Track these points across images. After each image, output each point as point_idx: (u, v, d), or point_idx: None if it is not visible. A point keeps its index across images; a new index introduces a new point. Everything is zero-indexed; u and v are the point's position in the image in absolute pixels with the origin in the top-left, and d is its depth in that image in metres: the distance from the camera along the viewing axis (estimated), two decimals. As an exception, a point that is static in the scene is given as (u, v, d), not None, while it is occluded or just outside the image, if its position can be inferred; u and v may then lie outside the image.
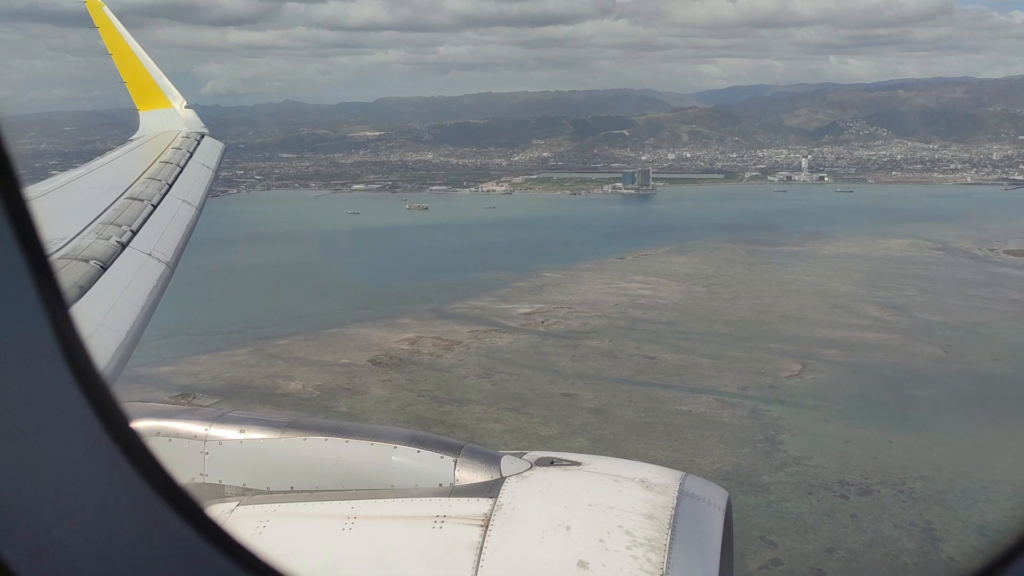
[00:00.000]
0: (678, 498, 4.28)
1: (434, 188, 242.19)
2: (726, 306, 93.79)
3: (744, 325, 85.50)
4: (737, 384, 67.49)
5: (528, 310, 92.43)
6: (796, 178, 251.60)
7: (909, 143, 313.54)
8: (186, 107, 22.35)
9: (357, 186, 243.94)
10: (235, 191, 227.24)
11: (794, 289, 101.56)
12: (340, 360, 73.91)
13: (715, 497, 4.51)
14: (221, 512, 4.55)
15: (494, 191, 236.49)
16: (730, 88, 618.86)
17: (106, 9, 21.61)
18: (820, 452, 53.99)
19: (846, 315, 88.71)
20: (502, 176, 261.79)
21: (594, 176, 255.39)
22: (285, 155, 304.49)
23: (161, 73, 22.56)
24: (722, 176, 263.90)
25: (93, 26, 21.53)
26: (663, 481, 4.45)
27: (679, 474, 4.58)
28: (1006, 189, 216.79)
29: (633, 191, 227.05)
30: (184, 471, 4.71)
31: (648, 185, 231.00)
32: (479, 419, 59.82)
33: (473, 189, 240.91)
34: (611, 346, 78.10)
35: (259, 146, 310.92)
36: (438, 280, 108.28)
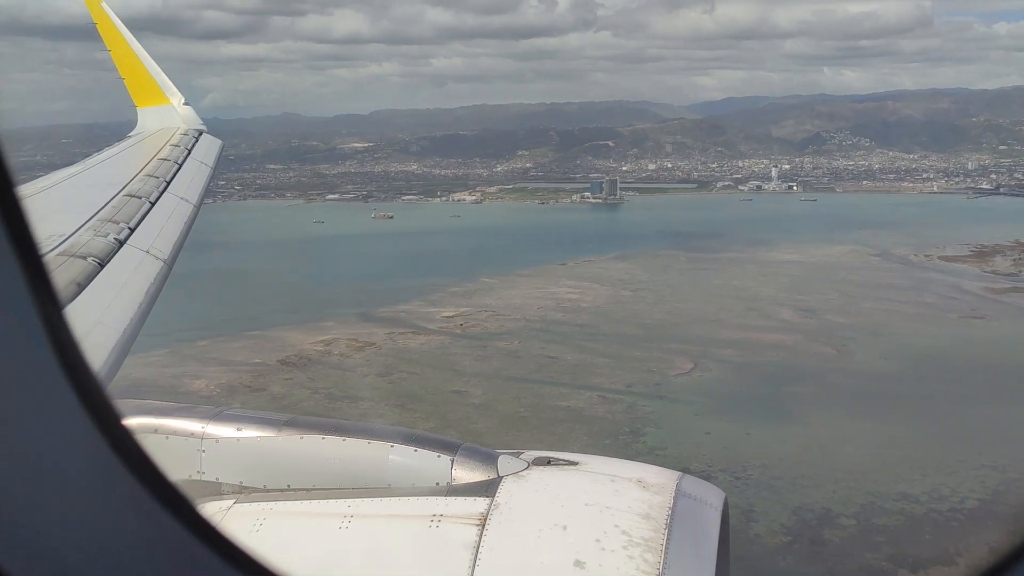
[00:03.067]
0: (675, 498, 4.29)
1: (406, 198, 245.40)
2: (645, 309, 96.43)
3: (655, 327, 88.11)
4: (625, 381, 70.04)
5: (452, 313, 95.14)
6: (766, 187, 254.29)
7: (890, 153, 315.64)
8: (184, 104, 22.41)
9: (331, 196, 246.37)
10: (210, 200, 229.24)
11: (719, 293, 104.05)
12: (252, 360, 76.69)
13: (712, 497, 4.54)
14: (217, 510, 4.57)
15: (464, 200, 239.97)
16: (725, 99, 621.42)
17: (105, 5, 21.57)
18: (677, 443, 56.45)
19: (758, 317, 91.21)
20: (479, 186, 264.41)
21: (568, 186, 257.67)
22: (271, 166, 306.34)
23: (159, 69, 22.59)
24: (695, 186, 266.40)
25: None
26: (660, 481, 4.46)
27: (676, 474, 4.59)
28: (969, 198, 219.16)
29: (600, 200, 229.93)
30: (180, 469, 4.69)
31: (615, 194, 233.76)
32: (363, 414, 62.54)
33: (444, 199, 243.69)
34: (519, 347, 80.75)
35: (249, 157, 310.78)
36: (375, 285, 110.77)
